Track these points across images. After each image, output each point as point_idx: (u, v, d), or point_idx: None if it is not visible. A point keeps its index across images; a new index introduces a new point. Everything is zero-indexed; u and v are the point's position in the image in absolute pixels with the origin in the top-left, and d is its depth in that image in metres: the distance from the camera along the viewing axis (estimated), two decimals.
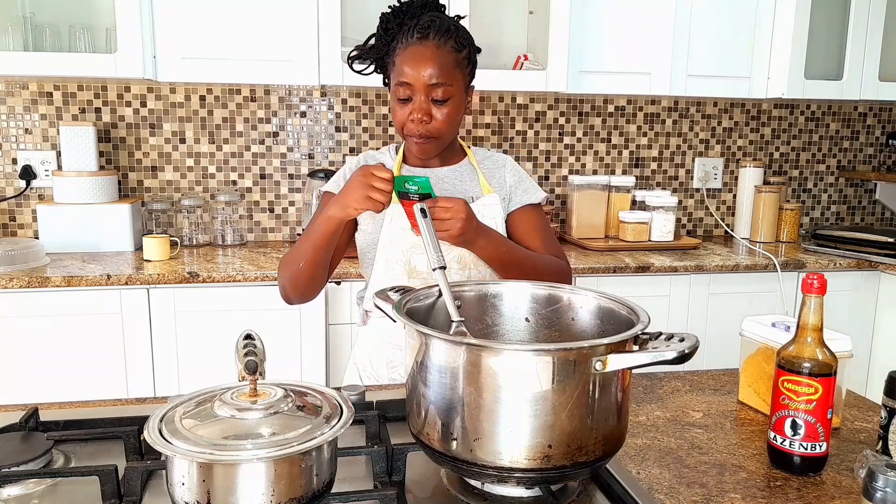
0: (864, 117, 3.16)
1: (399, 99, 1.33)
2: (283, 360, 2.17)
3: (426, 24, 1.32)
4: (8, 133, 2.51)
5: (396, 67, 1.32)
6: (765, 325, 1.16)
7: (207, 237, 2.61)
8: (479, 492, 0.87)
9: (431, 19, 1.33)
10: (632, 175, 2.94)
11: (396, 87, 1.32)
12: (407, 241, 1.36)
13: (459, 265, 1.37)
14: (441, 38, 1.31)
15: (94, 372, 2.09)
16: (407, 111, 1.32)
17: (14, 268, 2.09)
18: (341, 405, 0.83)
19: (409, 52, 1.31)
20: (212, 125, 2.63)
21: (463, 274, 1.38)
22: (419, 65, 1.30)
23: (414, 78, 1.30)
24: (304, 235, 1.36)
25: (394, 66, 1.34)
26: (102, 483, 0.84)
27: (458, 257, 1.37)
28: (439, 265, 1.01)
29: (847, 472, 0.97)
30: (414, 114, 1.31)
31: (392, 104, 1.36)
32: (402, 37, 1.33)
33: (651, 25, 2.58)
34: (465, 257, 1.37)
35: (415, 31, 1.32)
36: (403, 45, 1.32)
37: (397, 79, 1.32)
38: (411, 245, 1.36)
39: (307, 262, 1.34)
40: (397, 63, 1.32)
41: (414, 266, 1.37)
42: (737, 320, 1.24)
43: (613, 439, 0.84)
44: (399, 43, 1.33)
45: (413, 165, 1.44)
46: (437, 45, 1.31)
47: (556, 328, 1.04)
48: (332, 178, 1.46)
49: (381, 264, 1.39)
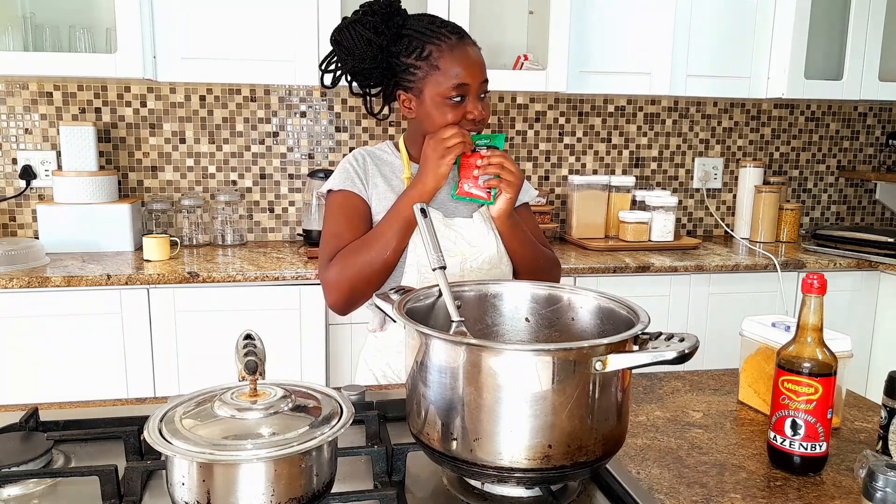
0: (864, 117, 3.16)
1: (450, 100, 1.32)
2: (283, 360, 2.17)
3: (447, 23, 1.36)
4: (8, 133, 2.51)
5: (443, 70, 1.31)
6: (765, 325, 1.16)
7: (207, 237, 2.61)
8: (479, 492, 0.87)
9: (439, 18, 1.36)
10: (632, 175, 2.94)
11: (448, 90, 1.31)
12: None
13: (489, 265, 1.39)
14: (468, 35, 1.36)
15: (94, 372, 2.09)
16: (461, 111, 1.33)
17: (14, 268, 2.09)
18: (341, 405, 0.83)
19: (458, 53, 1.32)
20: (212, 125, 2.63)
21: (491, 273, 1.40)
22: (472, 64, 1.33)
23: (471, 78, 1.32)
24: (383, 227, 1.33)
25: (436, 72, 1.32)
26: (102, 483, 0.84)
27: (489, 258, 1.39)
28: (439, 265, 1.01)
29: (847, 472, 0.97)
30: (472, 113, 1.33)
31: (434, 111, 1.34)
32: (431, 39, 1.32)
33: (651, 25, 2.58)
34: (493, 257, 1.39)
35: (447, 32, 1.33)
36: (445, 47, 1.32)
37: (450, 81, 1.31)
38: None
39: (393, 251, 1.33)
40: (443, 67, 1.31)
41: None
42: (737, 320, 1.24)
43: (613, 439, 0.84)
44: (432, 44, 1.32)
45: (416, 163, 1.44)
46: (472, 42, 1.36)
47: (556, 328, 1.04)
48: (334, 176, 1.44)
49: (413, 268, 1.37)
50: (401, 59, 1.35)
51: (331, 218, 1.41)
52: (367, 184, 1.42)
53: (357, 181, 1.41)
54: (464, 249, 1.38)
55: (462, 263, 1.36)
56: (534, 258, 1.45)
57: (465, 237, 1.39)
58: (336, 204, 1.41)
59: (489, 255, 1.39)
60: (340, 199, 1.41)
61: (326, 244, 1.39)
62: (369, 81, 1.42)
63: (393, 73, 1.38)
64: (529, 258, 1.44)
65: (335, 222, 1.39)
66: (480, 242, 1.39)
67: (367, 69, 1.38)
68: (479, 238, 1.39)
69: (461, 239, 1.39)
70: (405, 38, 1.35)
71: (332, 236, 1.38)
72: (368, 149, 1.49)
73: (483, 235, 1.40)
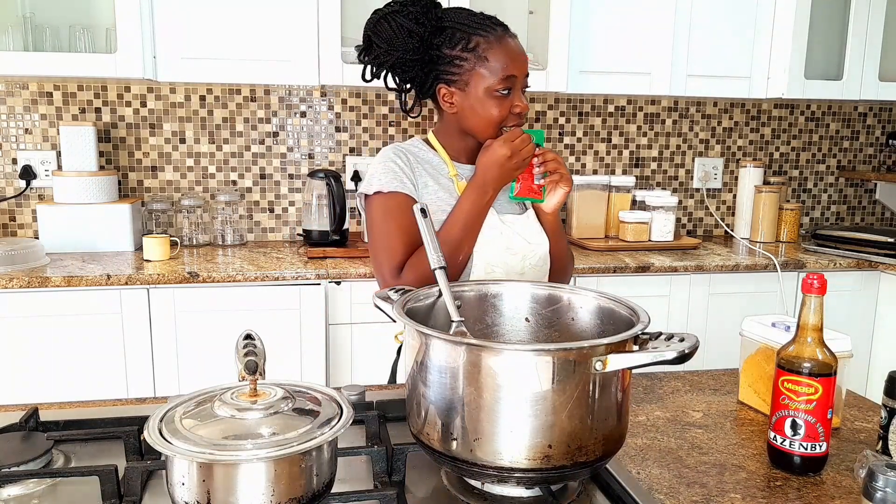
0: (864, 117, 3.16)
1: (498, 93, 1.31)
2: (283, 360, 2.17)
3: (489, 16, 1.35)
4: (8, 133, 2.51)
5: (491, 62, 1.30)
6: (765, 325, 1.16)
7: (207, 237, 2.61)
8: (479, 492, 0.87)
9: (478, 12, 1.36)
10: (632, 175, 2.94)
11: (496, 82, 1.30)
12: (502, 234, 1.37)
13: (543, 262, 1.40)
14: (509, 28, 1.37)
15: (94, 372, 2.09)
16: (507, 104, 1.33)
17: (14, 268, 2.09)
18: (341, 405, 0.83)
19: (505, 45, 1.32)
20: (212, 125, 2.63)
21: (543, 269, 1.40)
22: (518, 57, 1.33)
23: (518, 70, 1.32)
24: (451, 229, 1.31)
25: (484, 64, 1.30)
26: (102, 483, 0.84)
27: (543, 255, 1.39)
28: (439, 265, 1.01)
29: (847, 472, 0.97)
30: (518, 106, 1.33)
31: (480, 105, 1.32)
32: (477, 31, 1.31)
33: (651, 25, 2.58)
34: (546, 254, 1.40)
35: (492, 24, 1.33)
36: (493, 38, 1.31)
37: (499, 73, 1.30)
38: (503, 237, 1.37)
39: (466, 252, 1.32)
40: (492, 59, 1.30)
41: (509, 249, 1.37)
42: (737, 320, 1.24)
43: (613, 439, 0.84)
44: (479, 36, 1.31)
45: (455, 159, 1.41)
46: (514, 35, 1.36)
47: (556, 328, 1.04)
48: (377, 177, 1.36)
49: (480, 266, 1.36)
50: (443, 50, 1.32)
51: (384, 222, 1.34)
52: (416, 184, 1.36)
53: (406, 181, 1.35)
54: (523, 247, 1.37)
55: (522, 261, 1.37)
56: (566, 252, 1.48)
57: (522, 234, 1.38)
58: (388, 206, 1.34)
59: (544, 251, 1.40)
60: (392, 202, 1.34)
61: (387, 251, 1.33)
62: (407, 75, 1.37)
63: (433, 66, 1.34)
64: (563, 252, 1.46)
65: (391, 226, 1.33)
66: (535, 239, 1.40)
67: (409, 61, 1.33)
68: (534, 235, 1.40)
69: (518, 236, 1.38)
70: (447, 30, 1.32)
71: (392, 241, 1.33)
72: (403, 146, 1.42)
73: (537, 232, 1.40)
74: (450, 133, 1.41)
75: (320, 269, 2.18)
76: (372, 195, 1.36)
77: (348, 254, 2.37)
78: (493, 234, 1.36)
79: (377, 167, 1.37)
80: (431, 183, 1.38)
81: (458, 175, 1.39)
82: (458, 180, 1.39)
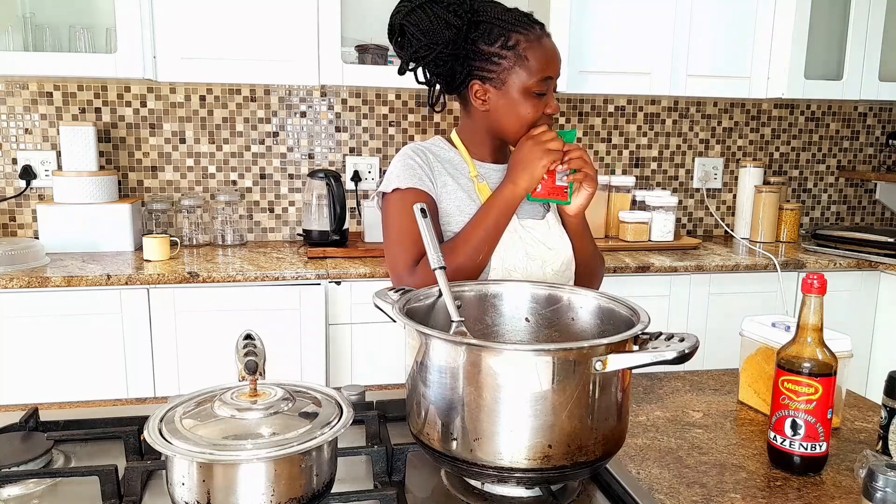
0: (864, 117, 3.16)
1: (534, 94, 1.29)
2: (283, 360, 2.17)
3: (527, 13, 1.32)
4: (8, 133, 2.51)
5: (530, 64, 1.27)
6: (765, 325, 1.16)
7: (207, 237, 2.61)
8: (479, 492, 0.87)
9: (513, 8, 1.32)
10: (632, 175, 2.94)
11: (535, 83, 1.28)
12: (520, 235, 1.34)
13: (565, 267, 1.36)
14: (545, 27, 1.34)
15: (94, 372, 2.09)
16: (541, 106, 1.30)
17: (14, 268, 2.09)
18: (341, 405, 0.83)
19: (543, 46, 1.29)
20: (212, 125, 2.63)
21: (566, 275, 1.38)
22: (555, 57, 1.31)
23: (555, 72, 1.31)
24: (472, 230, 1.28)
25: (524, 63, 1.27)
26: (102, 483, 0.84)
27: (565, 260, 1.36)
28: (439, 265, 1.01)
29: (847, 472, 0.97)
30: (550, 107, 1.31)
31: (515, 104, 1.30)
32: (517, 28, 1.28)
33: (651, 25, 2.58)
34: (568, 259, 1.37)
35: (531, 23, 1.30)
36: (533, 37, 1.28)
37: (538, 74, 1.28)
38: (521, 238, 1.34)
39: (485, 255, 1.29)
40: (532, 59, 1.27)
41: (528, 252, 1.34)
42: (737, 320, 1.24)
43: (613, 439, 0.84)
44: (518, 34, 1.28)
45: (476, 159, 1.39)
46: (550, 35, 1.33)
47: (556, 328, 1.04)
48: (396, 173, 1.34)
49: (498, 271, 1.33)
50: (480, 46, 1.28)
51: (400, 219, 1.31)
52: (434, 182, 1.34)
53: (425, 179, 1.32)
54: (543, 253, 1.33)
55: (543, 267, 1.33)
56: (592, 255, 1.44)
57: (542, 240, 1.34)
58: (405, 203, 1.29)
59: (566, 257, 1.36)
60: (410, 197, 1.30)
61: (402, 246, 1.30)
62: (441, 69, 1.32)
63: (467, 61, 1.30)
64: (589, 255, 1.42)
65: (408, 222, 1.27)
66: (557, 245, 1.35)
67: (445, 55, 1.29)
68: (556, 240, 1.36)
69: (537, 242, 1.34)
70: (484, 25, 1.28)
71: (407, 238, 1.30)
72: (423, 144, 1.39)
73: (559, 237, 1.36)
74: (475, 132, 1.38)
75: (320, 269, 2.18)
76: (390, 192, 1.34)
77: (348, 254, 2.37)
78: (513, 239, 1.32)
79: (396, 165, 1.35)
80: (451, 182, 1.35)
81: (479, 176, 1.36)
82: (479, 181, 1.35)
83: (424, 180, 1.32)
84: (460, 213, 1.33)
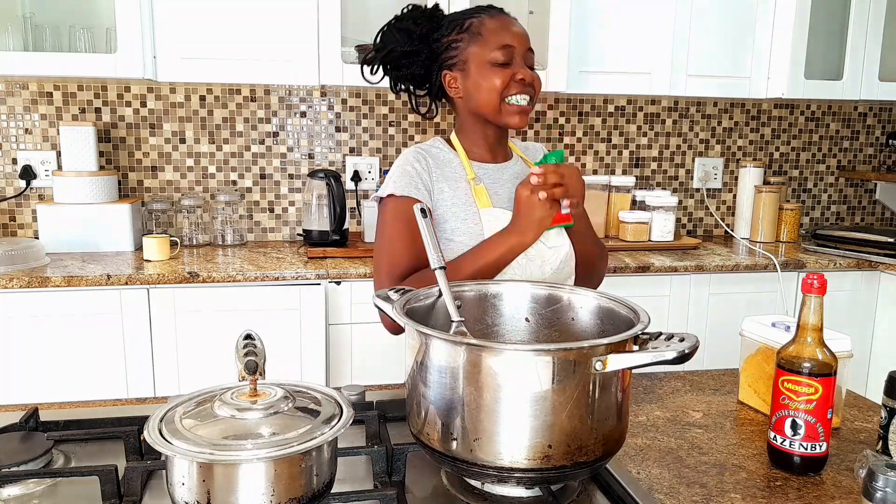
0: (864, 117, 3.16)
1: (496, 64, 1.31)
2: (283, 360, 2.17)
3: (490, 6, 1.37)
4: (8, 133, 2.51)
5: (485, 36, 1.31)
6: (765, 325, 1.16)
7: (207, 237, 2.61)
8: (479, 492, 0.87)
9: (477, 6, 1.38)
10: (632, 175, 2.94)
11: (493, 54, 1.30)
12: None
13: (562, 263, 1.38)
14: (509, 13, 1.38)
15: (94, 372, 2.09)
16: (508, 74, 1.31)
17: (14, 268, 2.09)
18: (341, 405, 0.83)
19: (496, 20, 1.33)
20: (212, 125, 2.63)
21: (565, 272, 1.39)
22: (512, 27, 1.34)
23: (515, 41, 1.32)
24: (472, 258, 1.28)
25: (479, 39, 1.32)
26: (102, 483, 0.84)
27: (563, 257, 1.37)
28: (439, 265, 1.01)
29: (847, 472, 0.97)
30: (519, 72, 1.31)
31: (481, 78, 1.32)
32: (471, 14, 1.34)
33: (651, 25, 2.58)
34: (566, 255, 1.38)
35: (486, 8, 1.35)
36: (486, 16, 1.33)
37: (496, 45, 1.30)
38: None
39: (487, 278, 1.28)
40: (486, 33, 1.31)
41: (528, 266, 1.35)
42: (737, 320, 1.24)
43: (613, 439, 0.84)
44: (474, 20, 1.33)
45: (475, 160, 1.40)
46: (514, 19, 1.36)
47: (556, 328, 1.04)
48: (393, 179, 1.34)
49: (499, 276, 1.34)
50: (442, 40, 1.35)
51: (390, 227, 1.33)
52: (431, 189, 1.34)
53: (421, 187, 1.33)
54: (543, 252, 1.35)
55: (542, 266, 1.34)
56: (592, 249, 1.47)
57: (541, 239, 1.35)
58: (398, 211, 1.32)
59: (564, 253, 1.38)
60: (403, 206, 1.30)
61: (386, 256, 1.32)
62: (410, 72, 1.38)
63: (435, 57, 1.37)
64: (588, 249, 1.45)
65: (398, 230, 1.31)
66: (555, 242, 1.38)
67: (409, 52, 1.35)
68: (554, 238, 1.37)
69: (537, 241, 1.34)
70: (444, 21, 1.37)
71: (395, 246, 1.31)
72: (424, 147, 1.41)
73: (556, 234, 1.38)
74: (466, 127, 1.40)
75: (320, 269, 2.18)
76: (385, 197, 1.35)
77: (348, 254, 2.37)
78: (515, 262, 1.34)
79: (395, 170, 1.36)
80: (447, 189, 1.35)
81: (475, 178, 1.37)
82: (476, 184, 1.36)
83: (420, 188, 1.33)
84: (455, 219, 1.34)
